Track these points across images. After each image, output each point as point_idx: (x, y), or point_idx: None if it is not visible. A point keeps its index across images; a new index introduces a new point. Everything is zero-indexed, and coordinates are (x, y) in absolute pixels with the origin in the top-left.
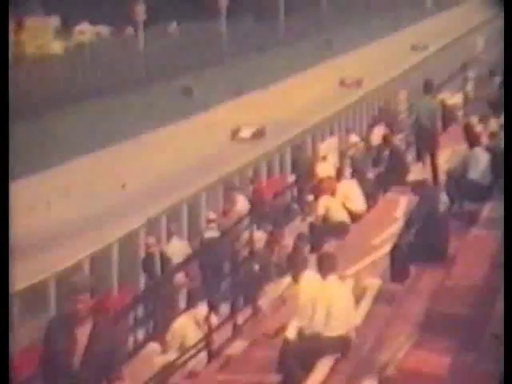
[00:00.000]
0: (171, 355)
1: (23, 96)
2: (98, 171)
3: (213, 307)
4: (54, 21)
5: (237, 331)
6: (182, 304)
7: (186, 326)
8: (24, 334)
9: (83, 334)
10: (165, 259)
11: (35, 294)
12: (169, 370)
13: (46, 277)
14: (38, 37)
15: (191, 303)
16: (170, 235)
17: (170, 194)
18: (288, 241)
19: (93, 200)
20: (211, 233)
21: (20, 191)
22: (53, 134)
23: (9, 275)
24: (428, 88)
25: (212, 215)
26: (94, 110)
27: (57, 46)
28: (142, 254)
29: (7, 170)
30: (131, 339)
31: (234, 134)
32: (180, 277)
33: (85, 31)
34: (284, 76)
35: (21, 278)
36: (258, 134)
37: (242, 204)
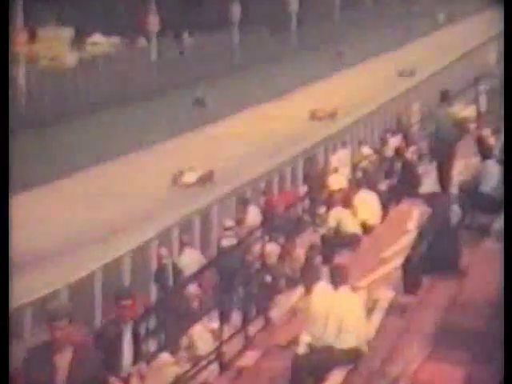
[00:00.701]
0: (183, 366)
1: (36, 107)
2: (108, 182)
3: (225, 318)
4: (67, 32)
5: (248, 342)
6: (195, 315)
7: (199, 337)
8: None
9: (63, 362)
10: (177, 270)
11: (45, 303)
12: (181, 381)
13: (58, 288)
14: (51, 47)
15: (203, 314)
16: (182, 246)
17: (181, 205)
18: (300, 252)
19: (103, 211)
20: (228, 241)
21: (34, 199)
22: (63, 145)
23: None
24: (445, 98)
25: (229, 223)
26: (106, 121)
27: (70, 57)
28: (154, 266)
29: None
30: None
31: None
32: (192, 288)
33: (98, 42)
34: (296, 87)
35: (32, 290)
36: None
37: (254, 215)
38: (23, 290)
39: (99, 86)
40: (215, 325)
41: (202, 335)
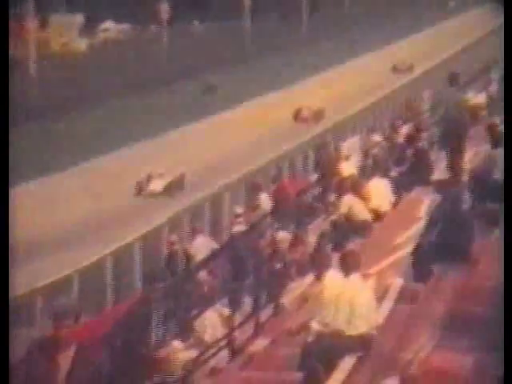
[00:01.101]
0: (194, 352)
1: (47, 94)
2: (119, 169)
3: (236, 305)
4: (79, 18)
5: (259, 329)
6: (206, 301)
7: (210, 323)
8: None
9: (65, 359)
10: (188, 257)
11: (58, 290)
12: (191, 367)
13: (71, 272)
14: (63, 34)
15: (214, 300)
16: (193, 233)
17: (192, 192)
18: (311, 239)
19: (114, 198)
20: (239, 227)
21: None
22: (73, 133)
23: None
24: (453, 81)
25: (239, 210)
26: (117, 109)
27: (81, 44)
28: (165, 252)
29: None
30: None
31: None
32: (203, 274)
33: (109, 29)
34: (307, 75)
35: (47, 274)
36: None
37: (265, 202)
38: (26, 280)
39: (110, 73)
40: (226, 311)
41: (212, 321)
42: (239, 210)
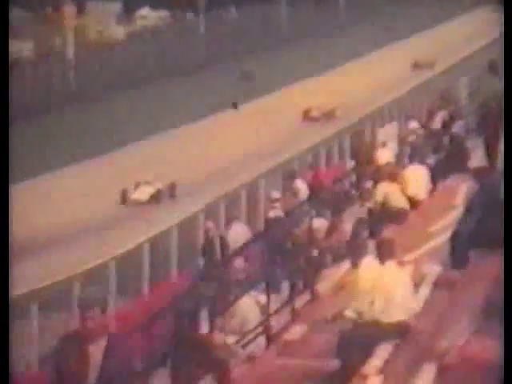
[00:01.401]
0: (230, 339)
1: (85, 81)
2: (154, 154)
3: (272, 291)
4: (116, 5)
5: (295, 316)
6: (242, 288)
7: (247, 310)
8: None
9: (96, 351)
10: (224, 244)
11: (95, 277)
12: (227, 354)
13: (105, 260)
14: (100, 22)
15: (251, 287)
16: (229, 220)
17: (229, 178)
18: (347, 226)
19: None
20: (275, 212)
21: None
22: (111, 118)
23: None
24: (493, 68)
25: (276, 195)
26: (154, 95)
27: (118, 31)
28: (201, 239)
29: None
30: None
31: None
32: (239, 261)
33: (146, 16)
34: (344, 62)
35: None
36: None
37: (301, 190)
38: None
39: (147, 60)
40: (262, 298)
41: (249, 308)
42: (276, 194)
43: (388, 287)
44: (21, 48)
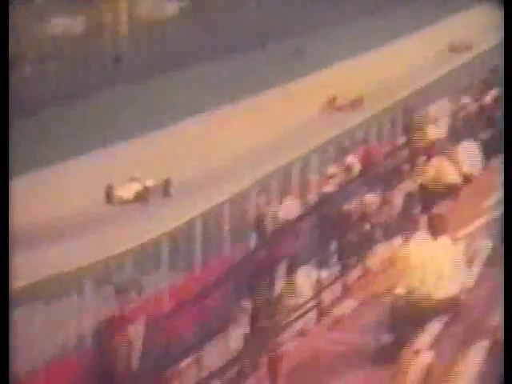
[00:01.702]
0: (282, 314)
1: (136, 57)
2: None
3: (323, 266)
4: None
5: (347, 291)
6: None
7: (298, 285)
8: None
9: (136, 334)
10: (277, 218)
11: (148, 252)
12: (278, 328)
13: (159, 234)
14: None
15: (303, 263)
16: (281, 195)
17: (281, 153)
18: (398, 202)
19: (204, 161)
20: (328, 188)
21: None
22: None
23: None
24: None
25: (332, 170)
26: (206, 71)
27: (170, 6)
28: (253, 215)
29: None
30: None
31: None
32: (291, 236)
33: None
34: (397, 37)
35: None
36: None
37: (352, 165)
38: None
39: (200, 36)
40: (314, 273)
41: (301, 283)
42: (332, 170)
43: (440, 263)
44: (72, 24)
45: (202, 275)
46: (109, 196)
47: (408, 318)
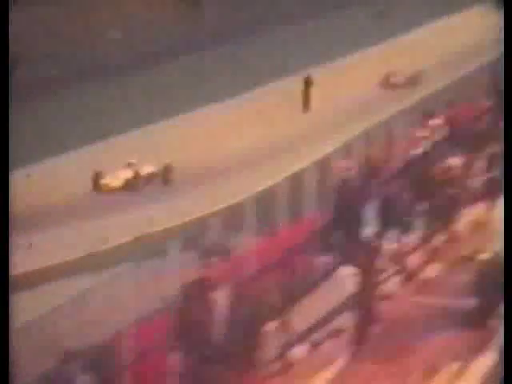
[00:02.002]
0: (366, 277)
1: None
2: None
3: (409, 230)
4: None
5: (432, 254)
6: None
7: (384, 249)
8: None
9: (221, 298)
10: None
11: (233, 214)
12: (363, 291)
13: (246, 197)
14: None
15: (386, 226)
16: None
17: (364, 117)
18: (484, 165)
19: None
20: (416, 151)
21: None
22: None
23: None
24: None
25: (421, 132)
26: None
27: None
28: (337, 178)
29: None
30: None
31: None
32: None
33: None
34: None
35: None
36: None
37: (438, 128)
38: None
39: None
40: (398, 236)
41: (386, 247)
42: (421, 132)
43: None
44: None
45: (287, 238)
46: (95, 185)
47: (494, 281)
